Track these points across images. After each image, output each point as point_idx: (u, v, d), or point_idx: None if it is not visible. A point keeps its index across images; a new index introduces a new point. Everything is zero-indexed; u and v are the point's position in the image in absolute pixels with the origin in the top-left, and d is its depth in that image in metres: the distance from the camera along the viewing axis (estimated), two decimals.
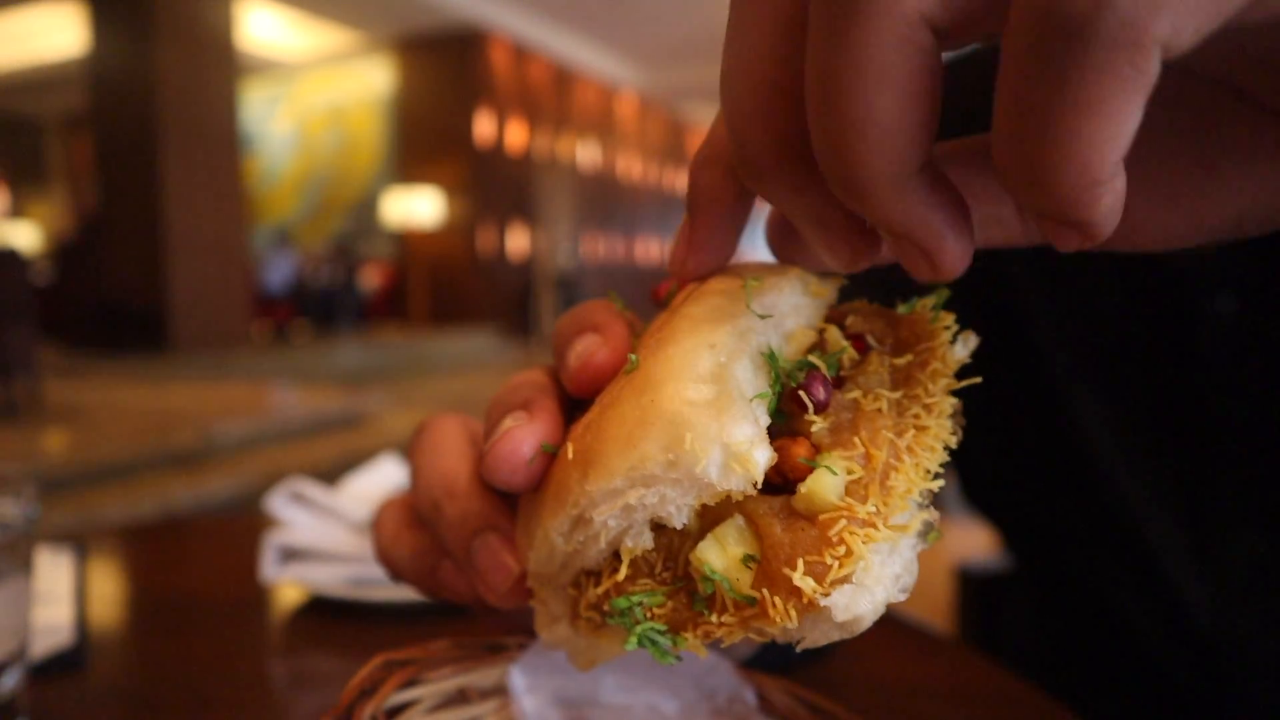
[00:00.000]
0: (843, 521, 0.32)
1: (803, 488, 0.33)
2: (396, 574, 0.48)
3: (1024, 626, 1.07)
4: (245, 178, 13.00)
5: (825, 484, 0.33)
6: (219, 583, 1.16)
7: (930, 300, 0.41)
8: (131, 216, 11.32)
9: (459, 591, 0.45)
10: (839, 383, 0.38)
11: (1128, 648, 0.88)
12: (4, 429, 6.47)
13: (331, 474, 1.35)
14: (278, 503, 1.11)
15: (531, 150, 16.64)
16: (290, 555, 1.08)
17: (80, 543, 1.27)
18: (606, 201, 19.50)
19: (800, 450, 0.35)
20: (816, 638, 0.33)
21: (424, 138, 15.50)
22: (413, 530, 0.47)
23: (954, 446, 0.36)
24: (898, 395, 0.37)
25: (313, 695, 0.86)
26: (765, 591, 0.33)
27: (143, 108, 11.20)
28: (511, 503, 0.43)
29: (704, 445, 0.32)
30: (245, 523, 1.36)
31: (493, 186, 15.63)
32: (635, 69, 18.64)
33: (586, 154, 18.62)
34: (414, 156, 15.57)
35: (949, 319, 0.40)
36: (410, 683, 0.47)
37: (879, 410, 0.36)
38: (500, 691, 0.52)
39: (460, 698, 0.50)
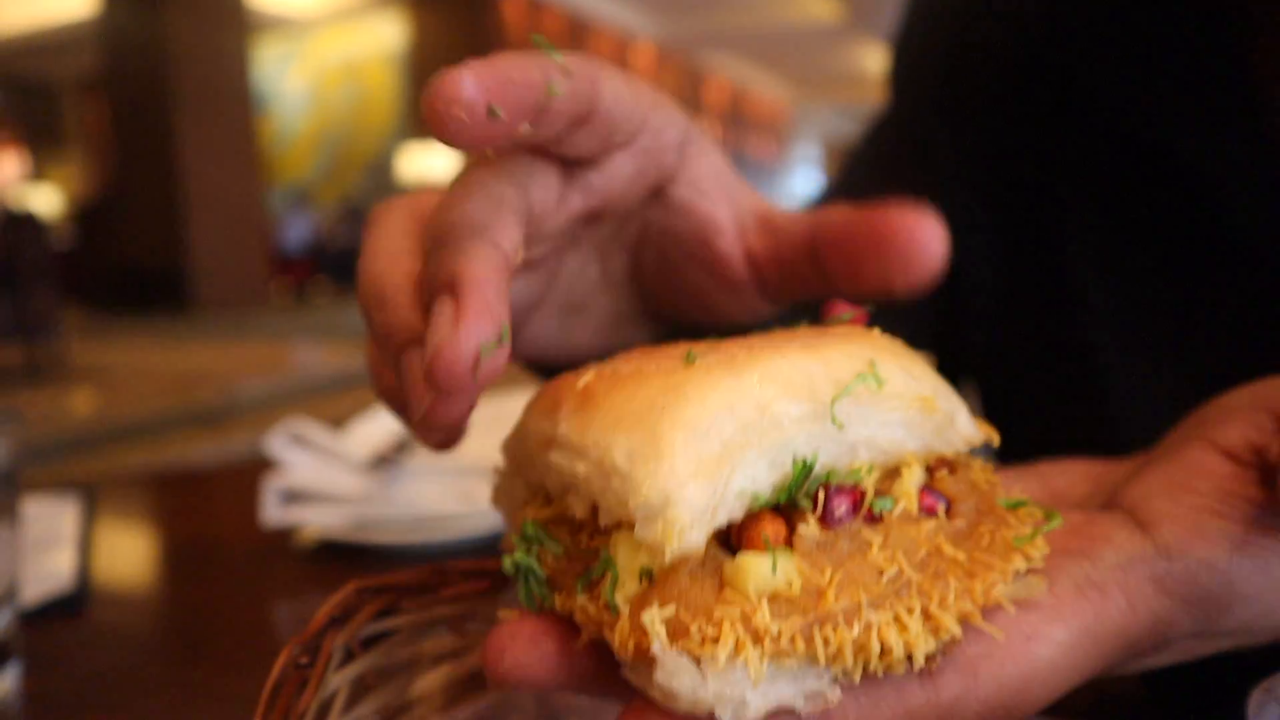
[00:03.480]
0: (738, 612, 0.29)
1: (738, 558, 0.30)
2: (387, 406, 0.46)
3: None
4: (260, 137, 12.97)
5: (755, 571, 0.30)
6: (225, 528, 1.15)
7: (1033, 525, 0.35)
8: (148, 178, 11.34)
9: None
10: (872, 519, 0.33)
11: None
12: (29, 390, 6.56)
13: None
14: (277, 444, 1.09)
15: None
16: (293, 498, 1.06)
17: (89, 490, 1.26)
18: None
19: (770, 528, 0.31)
20: (638, 683, 0.30)
21: None
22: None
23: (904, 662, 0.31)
24: (917, 579, 0.31)
25: None
26: (627, 611, 0.30)
27: (155, 69, 11.15)
28: None
29: (654, 485, 0.29)
30: (253, 470, 1.35)
31: None
32: (651, 18, 18.32)
33: None
34: None
35: (1040, 547, 0.34)
36: (386, 612, 0.45)
37: (879, 571, 0.31)
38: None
39: (440, 626, 0.48)
